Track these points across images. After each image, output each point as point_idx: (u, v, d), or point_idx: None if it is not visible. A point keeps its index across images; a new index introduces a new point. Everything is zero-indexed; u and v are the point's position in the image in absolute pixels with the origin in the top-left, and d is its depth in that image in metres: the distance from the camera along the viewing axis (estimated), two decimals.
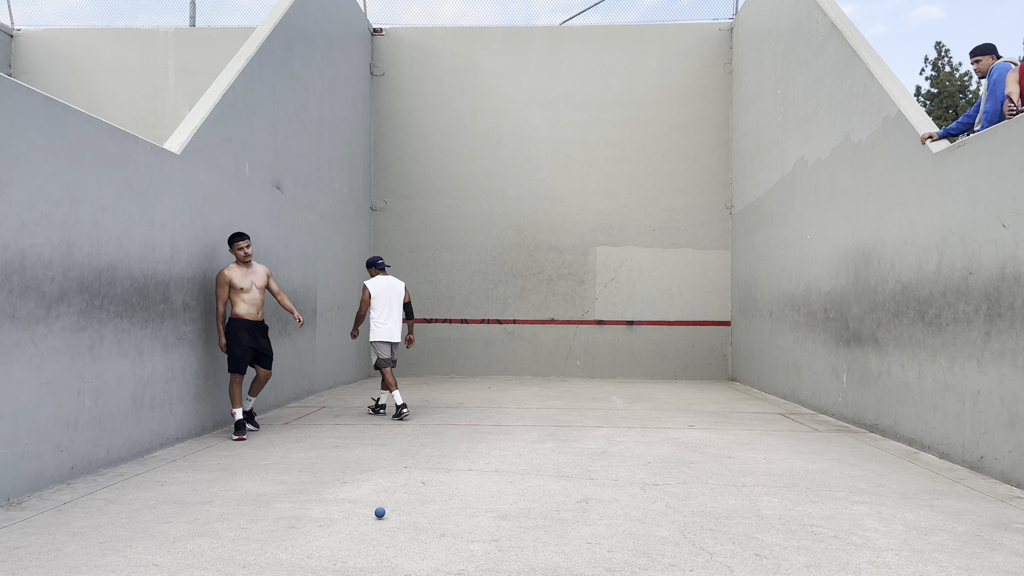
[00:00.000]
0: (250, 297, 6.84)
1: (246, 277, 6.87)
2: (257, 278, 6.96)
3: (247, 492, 4.79)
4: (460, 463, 5.73)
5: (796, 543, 3.80)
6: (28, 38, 14.04)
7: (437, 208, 13.98)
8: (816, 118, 9.23)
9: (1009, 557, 3.62)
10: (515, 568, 3.41)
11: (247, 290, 6.83)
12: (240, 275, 6.84)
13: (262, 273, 7.06)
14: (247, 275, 6.88)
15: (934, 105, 22.73)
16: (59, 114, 5.04)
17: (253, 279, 6.91)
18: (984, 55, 6.23)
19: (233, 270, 6.80)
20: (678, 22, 14.14)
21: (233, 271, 6.80)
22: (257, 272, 7.00)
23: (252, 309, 6.84)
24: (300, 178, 9.95)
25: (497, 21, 19.37)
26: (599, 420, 8.12)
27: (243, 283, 6.82)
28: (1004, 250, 5.26)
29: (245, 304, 6.82)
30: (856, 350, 7.84)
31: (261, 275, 7.03)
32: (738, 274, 13.06)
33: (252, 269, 6.95)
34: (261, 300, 6.97)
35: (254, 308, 6.86)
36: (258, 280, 6.96)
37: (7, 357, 4.50)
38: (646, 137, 13.88)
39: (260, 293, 6.95)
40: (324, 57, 11.13)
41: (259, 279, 6.98)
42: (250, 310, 6.84)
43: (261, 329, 7.02)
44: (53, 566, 3.39)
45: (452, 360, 13.77)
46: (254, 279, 6.93)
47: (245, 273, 6.87)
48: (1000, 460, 5.26)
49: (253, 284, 6.90)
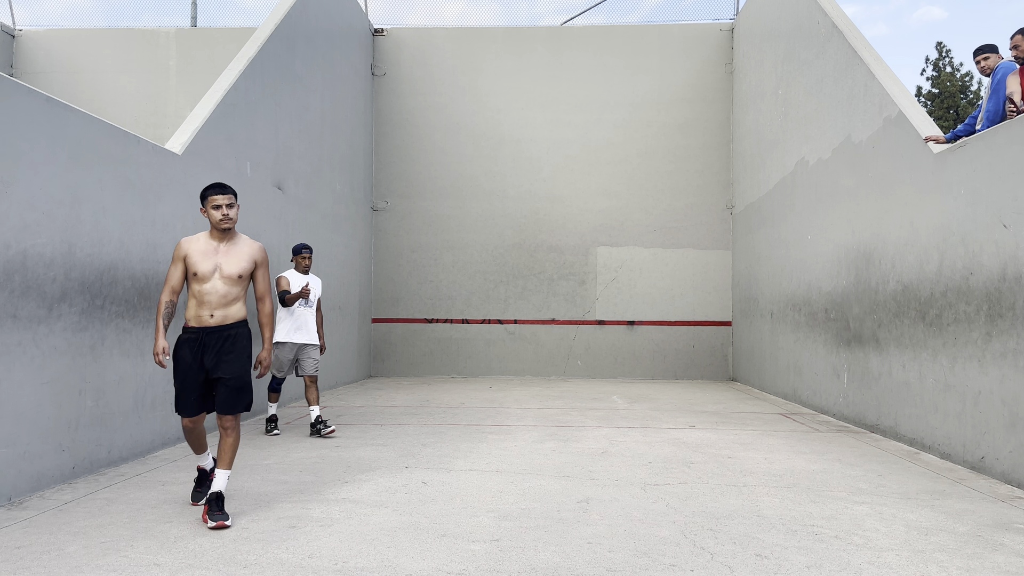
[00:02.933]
0: (208, 290, 4.29)
1: (210, 256, 4.34)
2: (229, 261, 4.35)
3: (248, 492, 4.79)
4: (461, 463, 5.74)
5: (797, 543, 3.80)
6: (30, 38, 14.06)
7: (438, 208, 13.99)
8: (817, 118, 9.23)
9: (1010, 557, 3.62)
10: (516, 568, 3.41)
11: (204, 277, 4.30)
12: (205, 249, 4.35)
13: (242, 254, 4.40)
14: (215, 253, 4.35)
15: (935, 105, 22.72)
16: (61, 114, 5.05)
17: (221, 261, 4.33)
18: (990, 54, 6.23)
19: (198, 240, 4.39)
20: (679, 22, 14.14)
21: (196, 242, 4.38)
22: (234, 252, 4.39)
23: (203, 310, 4.28)
24: (301, 178, 9.96)
25: (500, 22, 19.38)
26: (600, 420, 8.12)
27: (203, 264, 4.30)
28: (1005, 250, 5.25)
29: (195, 301, 4.31)
30: (857, 350, 7.84)
31: (238, 257, 4.38)
32: (739, 274, 13.06)
33: (231, 242, 4.42)
34: (227, 296, 4.34)
35: (207, 308, 4.29)
36: (229, 264, 4.34)
37: (9, 357, 4.50)
38: (647, 137, 13.88)
39: (227, 285, 4.33)
40: (325, 57, 11.13)
41: (231, 263, 4.35)
42: (199, 312, 4.28)
43: (221, 338, 4.30)
44: (55, 566, 3.39)
45: (453, 360, 13.78)
46: (222, 262, 4.33)
47: (214, 249, 4.36)
48: (1001, 460, 5.26)
49: (218, 270, 4.31)
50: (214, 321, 4.31)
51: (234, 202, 4.36)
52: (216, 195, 4.33)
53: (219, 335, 4.32)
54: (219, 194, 4.33)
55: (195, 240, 4.41)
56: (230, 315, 4.35)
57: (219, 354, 4.29)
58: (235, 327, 4.36)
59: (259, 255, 4.46)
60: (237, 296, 4.38)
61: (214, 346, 4.29)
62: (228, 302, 4.35)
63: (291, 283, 7.03)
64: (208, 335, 4.30)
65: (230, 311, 4.35)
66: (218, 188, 4.34)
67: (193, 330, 4.31)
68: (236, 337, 4.35)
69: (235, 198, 4.37)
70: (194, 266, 4.34)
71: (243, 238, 4.46)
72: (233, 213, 4.36)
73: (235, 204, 4.36)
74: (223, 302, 4.33)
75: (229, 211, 4.36)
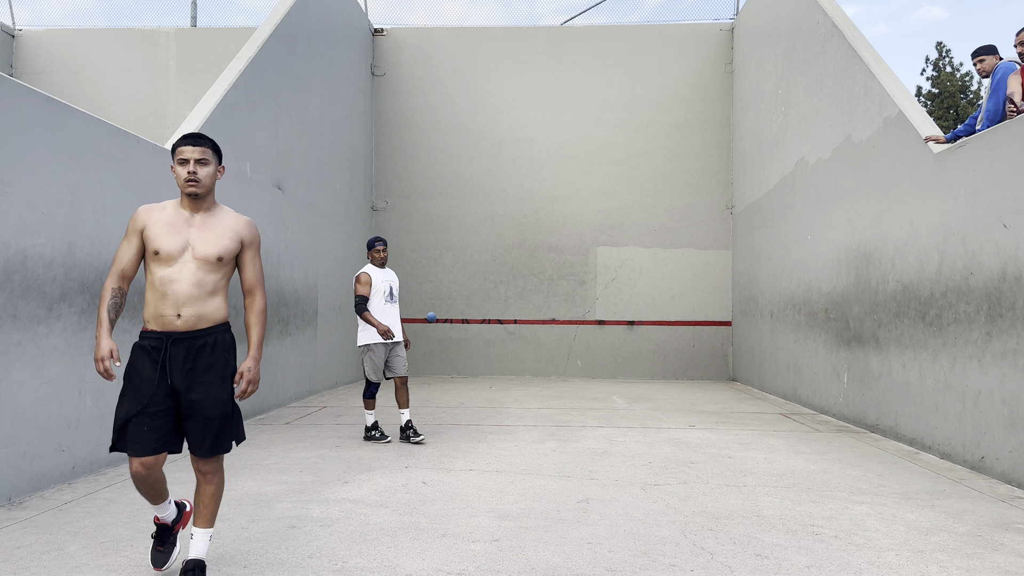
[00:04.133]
0: (174, 277, 3.09)
1: (179, 229, 3.15)
2: (204, 238, 3.16)
3: (248, 492, 4.79)
4: (461, 463, 5.74)
5: (797, 543, 3.80)
6: (29, 38, 14.06)
7: (438, 208, 13.99)
8: (817, 118, 9.23)
9: (1010, 557, 3.62)
10: (516, 568, 3.41)
11: (169, 258, 3.10)
12: (172, 220, 3.16)
13: (223, 230, 3.21)
14: (185, 226, 3.16)
15: (935, 105, 22.72)
16: (60, 114, 5.05)
17: (193, 238, 3.14)
18: (987, 55, 6.23)
19: (163, 209, 3.21)
20: (679, 22, 14.14)
21: (160, 210, 3.20)
22: (212, 226, 3.20)
23: (167, 307, 3.07)
24: (301, 178, 9.96)
25: (501, 22, 19.38)
26: (600, 420, 8.12)
27: (167, 240, 3.11)
28: (1005, 250, 5.25)
29: (156, 294, 3.10)
30: (857, 350, 7.84)
31: (217, 234, 3.19)
32: (739, 274, 13.06)
33: (209, 214, 3.23)
34: (200, 287, 3.12)
35: (172, 304, 3.07)
36: (205, 242, 3.15)
37: (8, 357, 4.50)
38: (647, 137, 13.88)
39: (201, 271, 3.13)
40: (325, 57, 11.13)
41: (208, 240, 3.16)
42: (162, 310, 3.08)
43: (193, 349, 3.11)
44: (55, 566, 3.39)
45: (453, 360, 13.78)
46: (195, 238, 3.15)
47: (184, 221, 3.17)
48: (1001, 460, 5.26)
49: (188, 249, 3.13)
50: (182, 323, 3.08)
51: (209, 159, 3.18)
52: (184, 146, 3.16)
53: (190, 344, 3.09)
54: (187, 144, 3.16)
55: (159, 208, 3.19)
56: (206, 315, 3.12)
57: (192, 372, 3.08)
58: (213, 332, 3.15)
59: (247, 232, 3.27)
60: (216, 287, 3.15)
61: (183, 360, 3.07)
62: (203, 296, 3.11)
63: (372, 279, 6.58)
64: (175, 344, 3.07)
65: (206, 309, 3.12)
66: (188, 138, 3.19)
67: (153, 335, 3.09)
68: (215, 347, 3.14)
69: (214, 155, 3.22)
70: (155, 242, 3.09)
71: (225, 210, 3.29)
72: (205, 174, 3.16)
73: (210, 162, 3.19)
74: (196, 295, 3.09)
75: (199, 169, 3.14)
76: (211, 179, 3.21)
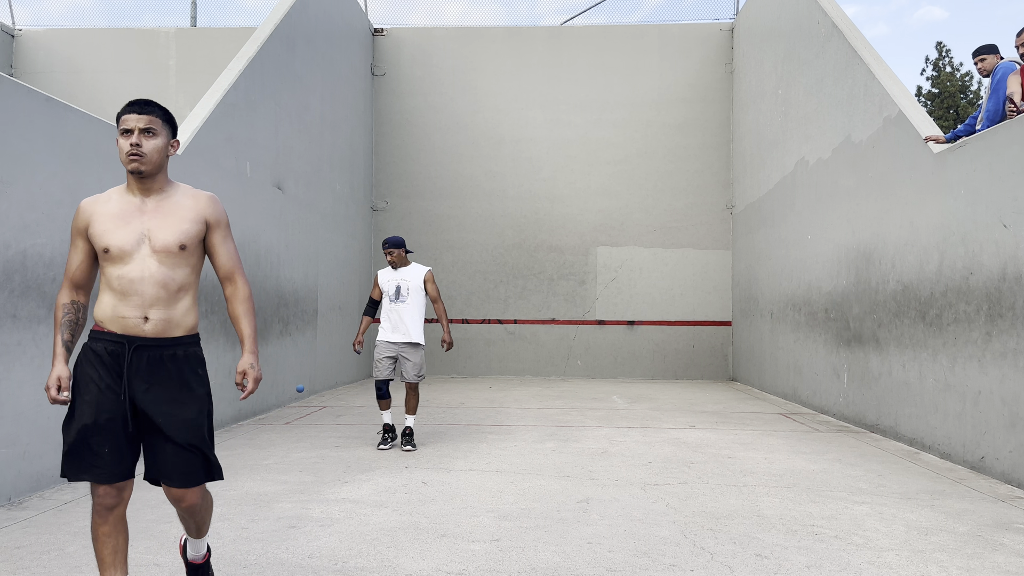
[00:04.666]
0: (134, 276, 2.58)
1: (130, 218, 2.62)
2: (162, 225, 2.64)
3: (248, 492, 4.79)
4: (461, 463, 5.74)
5: (797, 543, 3.80)
6: (29, 38, 14.06)
7: (438, 208, 13.99)
8: (817, 118, 9.23)
9: (1010, 557, 3.62)
10: (516, 568, 3.41)
11: (122, 254, 2.58)
12: (119, 210, 2.64)
13: (182, 211, 2.69)
14: (137, 214, 2.63)
15: (935, 105, 22.72)
16: (60, 114, 5.05)
17: (149, 227, 2.62)
18: (988, 54, 6.24)
19: (107, 200, 2.67)
20: (679, 22, 14.15)
21: (104, 202, 2.67)
22: (168, 210, 2.67)
23: (130, 308, 2.57)
24: (301, 178, 9.96)
25: (501, 22, 19.39)
26: (600, 420, 8.12)
27: (117, 234, 2.60)
28: (1005, 250, 5.25)
29: (113, 294, 2.60)
30: (857, 350, 7.84)
31: (177, 217, 2.67)
32: (739, 274, 13.06)
33: (162, 196, 2.69)
34: (167, 284, 2.61)
35: (137, 305, 2.58)
36: (164, 230, 2.63)
37: (8, 357, 4.50)
38: (647, 137, 13.88)
39: (165, 266, 2.61)
40: (325, 57, 11.13)
41: (167, 227, 2.64)
42: (122, 311, 2.58)
43: (158, 361, 2.60)
44: (54, 566, 3.39)
45: (453, 360, 13.77)
46: (151, 227, 2.62)
47: (135, 209, 2.64)
48: (1001, 460, 5.26)
49: (145, 241, 2.61)
50: (151, 328, 2.56)
51: (158, 130, 2.62)
52: (128, 113, 2.60)
53: (156, 354, 2.57)
54: (131, 112, 2.60)
55: (103, 200, 2.64)
56: (176, 320, 2.61)
57: (158, 387, 2.57)
58: (183, 344, 2.64)
59: (210, 210, 2.73)
60: (184, 284, 2.64)
61: (146, 371, 2.56)
62: (171, 297, 2.60)
63: (379, 280, 6.58)
64: (139, 352, 2.56)
65: (175, 312, 2.60)
66: (133, 105, 2.62)
67: (111, 338, 2.55)
68: (187, 360, 2.64)
69: (164, 126, 2.66)
70: (102, 238, 2.56)
71: (181, 188, 2.74)
72: (152, 147, 2.58)
73: (159, 134, 2.62)
74: (164, 297, 2.58)
75: (145, 141, 2.57)
76: (159, 154, 2.65)
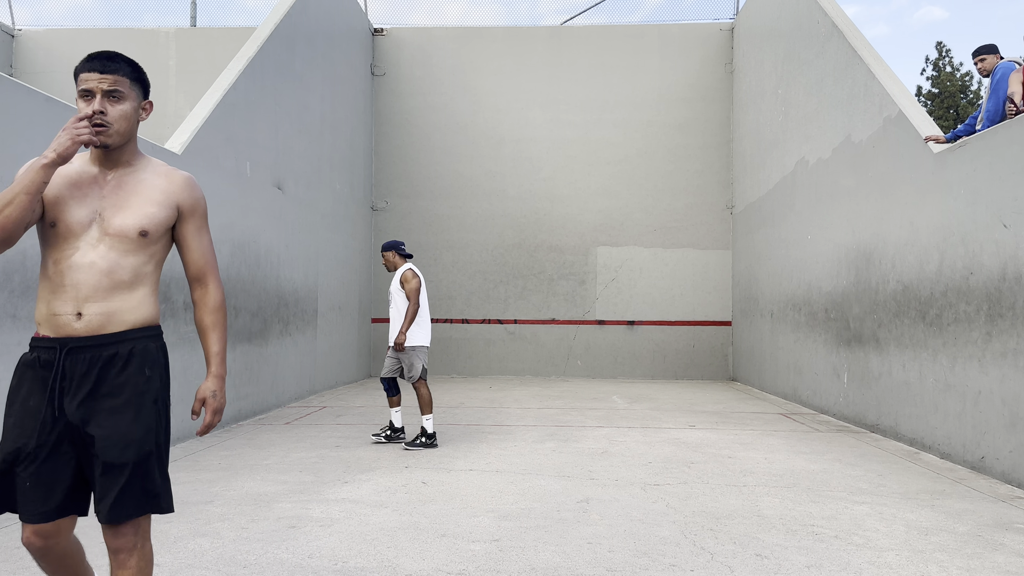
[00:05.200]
0: (76, 262, 2.08)
1: (88, 191, 2.13)
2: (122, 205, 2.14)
3: (248, 492, 4.79)
4: (461, 463, 5.74)
5: (797, 543, 3.80)
6: (29, 38, 14.06)
7: (438, 208, 13.99)
8: (817, 118, 9.23)
9: (1010, 557, 3.62)
10: (516, 568, 3.41)
11: (70, 233, 2.09)
12: (79, 178, 2.15)
13: (149, 192, 2.20)
14: (96, 187, 2.15)
15: (935, 105, 22.72)
16: (60, 114, 5.05)
17: (105, 207, 2.12)
18: (988, 54, 6.24)
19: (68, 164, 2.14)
20: (679, 22, 14.15)
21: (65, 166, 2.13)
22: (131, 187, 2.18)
23: (63, 303, 2.07)
24: (301, 178, 9.96)
25: (502, 22, 19.39)
26: (600, 420, 8.12)
27: (70, 212, 2.10)
28: (1005, 250, 5.25)
29: (49, 286, 2.10)
30: (857, 350, 7.84)
31: (142, 198, 2.18)
32: (739, 274, 13.06)
33: (128, 171, 2.20)
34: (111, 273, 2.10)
35: (71, 300, 2.07)
36: (122, 214, 2.14)
37: (9, 357, 4.50)
38: (647, 137, 13.88)
39: (116, 253, 2.11)
40: (325, 57, 11.13)
41: (127, 209, 2.14)
42: (56, 308, 2.08)
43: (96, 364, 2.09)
44: None
45: (453, 360, 13.78)
46: (107, 207, 2.12)
47: (92, 181, 2.15)
48: (1001, 460, 5.26)
49: (96, 222, 2.11)
50: (84, 326, 2.08)
51: (125, 92, 2.14)
52: (87, 71, 2.13)
53: (93, 356, 2.10)
54: (92, 70, 2.12)
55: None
56: (119, 314, 2.12)
57: (93, 396, 2.09)
58: (128, 339, 2.14)
59: (185, 194, 2.26)
60: (138, 275, 2.16)
61: (81, 378, 2.08)
62: (117, 288, 2.12)
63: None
64: (72, 355, 2.08)
65: (119, 304, 2.12)
66: (94, 60, 2.14)
67: (45, 344, 2.11)
68: (130, 361, 2.13)
69: (134, 86, 2.17)
70: (53, 208, 2.10)
71: (153, 164, 2.27)
72: (118, 114, 2.12)
73: (127, 97, 2.14)
74: (106, 287, 2.10)
75: (110, 107, 2.11)
76: (128, 122, 2.15)
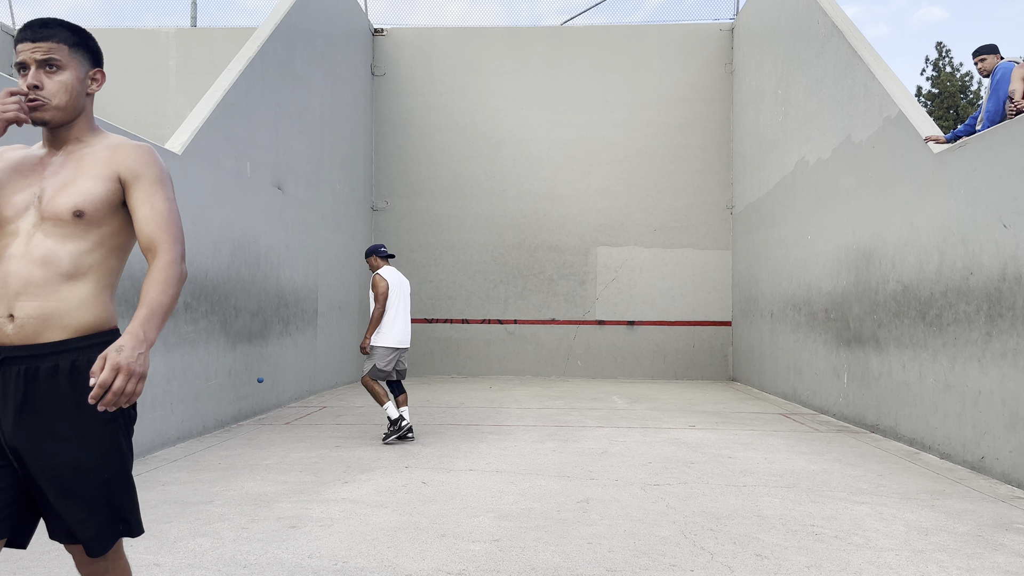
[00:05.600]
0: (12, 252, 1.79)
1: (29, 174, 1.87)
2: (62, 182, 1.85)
3: (248, 492, 4.79)
4: (461, 463, 5.74)
5: (797, 543, 3.80)
6: None
7: (438, 208, 13.99)
8: (817, 118, 9.23)
9: (1010, 557, 3.62)
10: (516, 568, 3.41)
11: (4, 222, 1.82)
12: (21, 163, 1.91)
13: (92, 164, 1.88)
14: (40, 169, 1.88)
15: (935, 105, 22.72)
16: None
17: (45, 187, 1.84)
18: (988, 55, 6.24)
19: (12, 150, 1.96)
20: (679, 22, 14.15)
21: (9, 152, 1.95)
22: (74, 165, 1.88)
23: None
24: (301, 178, 9.96)
25: (502, 22, 19.40)
26: (600, 420, 8.12)
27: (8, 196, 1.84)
28: (1005, 250, 5.25)
29: None
30: (857, 350, 7.84)
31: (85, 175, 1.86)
32: (739, 274, 13.06)
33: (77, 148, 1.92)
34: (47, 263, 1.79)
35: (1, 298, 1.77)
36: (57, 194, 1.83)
37: None
38: (647, 137, 13.88)
39: (51, 239, 1.80)
40: (325, 57, 11.14)
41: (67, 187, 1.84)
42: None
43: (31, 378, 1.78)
44: (54, 566, 3.39)
45: (453, 360, 13.78)
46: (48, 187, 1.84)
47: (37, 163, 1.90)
48: (1001, 460, 5.26)
49: (33, 206, 1.83)
50: (15, 331, 1.78)
51: (63, 61, 1.90)
52: (22, 42, 1.89)
53: (28, 369, 1.80)
54: (25, 40, 1.89)
55: (16, 147, 1.98)
56: (58, 316, 1.81)
57: (34, 416, 1.80)
58: (71, 349, 1.82)
59: (129, 160, 1.91)
60: (80, 265, 1.84)
61: (14, 395, 1.79)
62: (54, 281, 1.81)
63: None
64: (4, 368, 1.79)
65: (59, 305, 1.81)
66: (28, 29, 1.91)
67: None
68: (75, 375, 1.81)
69: (75, 52, 1.94)
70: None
71: (108, 139, 1.98)
72: (57, 87, 1.88)
73: (66, 67, 1.90)
74: (40, 282, 1.80)
75: (47, 79, 1.88)
76: (70, 94, 1.89)
